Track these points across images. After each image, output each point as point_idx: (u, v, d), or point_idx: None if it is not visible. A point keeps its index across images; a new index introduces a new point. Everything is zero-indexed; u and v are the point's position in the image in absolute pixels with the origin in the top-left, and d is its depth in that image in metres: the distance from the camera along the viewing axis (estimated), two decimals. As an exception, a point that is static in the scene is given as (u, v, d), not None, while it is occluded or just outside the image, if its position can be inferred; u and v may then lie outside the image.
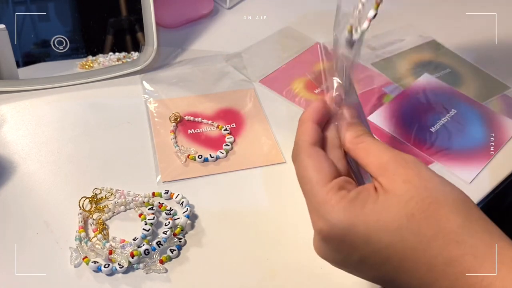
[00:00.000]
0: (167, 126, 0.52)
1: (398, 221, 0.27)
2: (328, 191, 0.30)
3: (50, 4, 0.57)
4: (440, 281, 0.26)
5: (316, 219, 0.30)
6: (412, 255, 0.27)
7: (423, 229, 0.27)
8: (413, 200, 0.28)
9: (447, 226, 0.27)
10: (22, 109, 0.54)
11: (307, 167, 0.31)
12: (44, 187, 0.45)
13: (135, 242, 0.40)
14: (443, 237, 0.26)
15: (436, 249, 0.26)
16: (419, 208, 0.27)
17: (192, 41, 0.65)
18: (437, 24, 0.69)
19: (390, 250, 0.28)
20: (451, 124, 0.53)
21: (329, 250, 0.30)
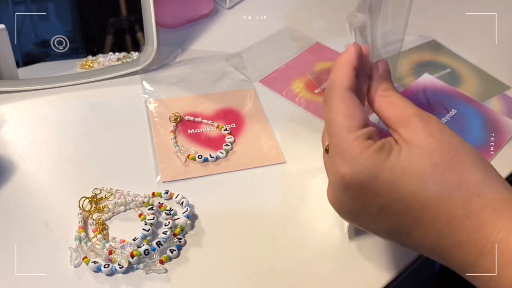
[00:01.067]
0: (167, 126, 0.52)
1: (423, 170, 0.27)
2: (356, 138, 0.29)
3: (50, 4, 0.57)
4: (457, 233, 0.27)
5: (340, 163, 0.29)
6: (434, 204, 0.27)
7: (447, 179, 0.27)
8: (436, 151, 0.28)
9: (470, 178, 0.27)
10: (22, 109, 0.54)
11: (339, 111, 0.31)
12: (44, 187, 0.45)
13: (135, 242, 0.40)
14: (466, 189, 0.27)
15: (458, 200, 0.27)
16: (443, 159, 0.28)
17: (192, 41, 0.65)
18: (437, 24, 0.69)
19: (413, 198, 0.28)
20: (451, 124, 0.53)
21: (347, 198, 0.30)
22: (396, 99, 0.32)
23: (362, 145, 0.29)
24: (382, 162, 0.28)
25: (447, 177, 0.27)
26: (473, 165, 0.28)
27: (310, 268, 0.40)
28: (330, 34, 0.67)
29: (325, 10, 0.72)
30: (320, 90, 0.58)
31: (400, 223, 0.29)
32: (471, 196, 0.27)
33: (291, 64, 0.61)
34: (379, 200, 0.29)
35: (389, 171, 0.28)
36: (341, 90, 0.32)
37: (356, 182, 0.29)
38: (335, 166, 0.30)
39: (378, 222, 0.30)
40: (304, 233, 0.43)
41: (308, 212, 0.43)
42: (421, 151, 0.28)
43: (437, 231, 0.27)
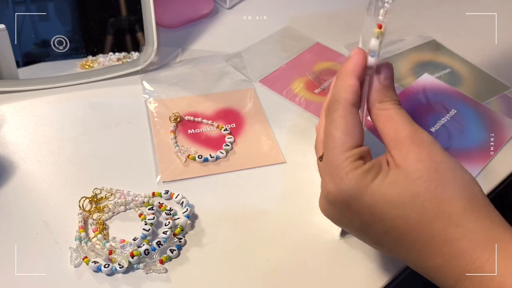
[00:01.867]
0: (167, 126, 0.52)
1: (404, 197, 0.28)
2: (347, 157, 0.30)
3: (50, 4, 0.57)
4: (435, 258, 0.28)
5: (327, 180, 0.31)
6: (413, 231, 0.28)
7: (426, 209, 0.28)
8: (421, 179, 0.28)
9: (450, 209, 0.28)
10: (22, 109, 0.54)
11: (339, 127, 0.31)
12: (44, 187, 0.45)
13: (135, 242, 0.40)
14: (444, 219, 0.28)
15: (436, 228, 0.28)
16: (426, 188, 0.28)
17: (192, 41, 0.65)
18: (437, 24, 0.69)
19: (392, 223, 0.29)
20: (451, 124, 0.53)
21: (334, 211, 0.32)
22: (392, 114, 0.32)
23: (351, 166, 0.30)
24: (365, 185, 0.29)
25: (426, 206, 0.28)
26: (456, 195, 0.28)
27: (310, 268, 0.40)
28: (330, 34, 0.67)
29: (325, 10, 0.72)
30: (320, 90, 0.58)
31: (382, 241, 0.30)
32: (449, 226, 0.28)
33: (291, 64, 0.61)
34: (361, 218, 0.30)
35: (370, 194, 0.29)
36: (345, 106, 0.32)
37: (340, 200, 0.30)
38: (324, 181, 0.31)
39: (362, 236, 0.32)
40: (304, 233, 0.43)
41: (308, 212, 0.43)
42: (406, 177, 0.29)
43: (417, 252, 0.29)
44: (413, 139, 0.30)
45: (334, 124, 0.32)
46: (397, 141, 0.30)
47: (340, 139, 0.31)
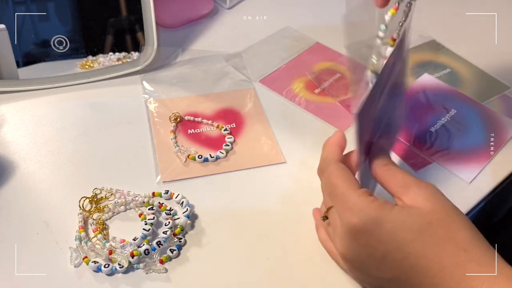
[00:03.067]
0: (167, 126, 0.52)
1: (420, 224, 0.33)
2: (360, 195, 0.34)
3: (50, 4, 0.57)
4: (447, 282, 0.31)
5: (349, 216, 0.34)
6: (428, 254, 0.32)
7: (440, 234, 0.32)
8: (431, 212, 0.33)
9: (459, 236, 0.32)
10: (22, 109, 0.54)
11: (338, 177, 0.36)
12: (44, 187, 0.45)
13: (135, 242, 0.40)
14: (454, 244, 0.32)
15: (447, 252, 0.32)
16: (437, 219, 0.33)
17: (192, 41, 0.65)
18: (437, 24, 0.69)
19: (410, 247, 0.32)
20: (451, 124, 0.53)
21: (356, 245, 0.34)
22: (396, 171, 0.36)
23: (368, 199, 0.34)
24: (386, 213, 0.33)
25: (439, 232, 0.32)
26: (461, 226, 0.33)
27: (309, 268, 0.40)
28: (330, 34, 0.67)
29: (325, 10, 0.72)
30: (320, 90, 0.58)
31: (400, 270, 0.33)
32: (458, 250, 0.31)
33: (291, 64, 0.61)
34: (383, 247, 0.33)
35: (392, 221, 0.33)
36: (335, 161, 0.37)
37: (363, 229, 0.33)
38: (345, 219, 0.34)
39: (382, 269, 0.34)
40: (304, 233, 0.43)
41: (308, 212, 0.43)
42: (419, 211, 0.33)
43: (431, 278, 0.32)
44: (418, 185, 0.35)
45: (333, 176, 0.36)
46: (404, 188, 0.35)
47: (345, 184, 0.35)
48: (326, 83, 0.59)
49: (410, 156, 0.50)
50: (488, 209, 0.50)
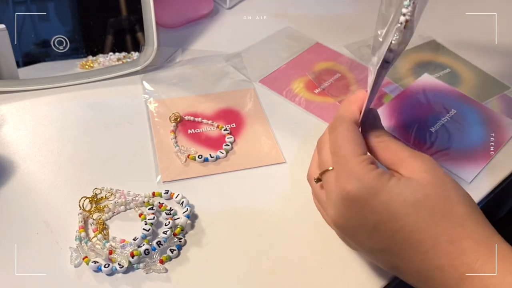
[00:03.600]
0: (167, 126, 0.52)
1: (416, 197, 0.31)
2: (362, 161, 0.33)
3: (50, 4, 0.57)
4: (440, 258, 0.30)
5: (346, 180, 0.33)
6: (422, 228, 0.31)
7: (436, 208, 0.31)
8: (430, 184, 0.32)
9: (456, 211, 0.31)
10: (22, 109, 0.54)
11: (346, 138, 0.35)
12: (44, 187, 0.45)
13: (135, 242, 0.40)
14: (451, 219, 0.31)
15: (443, 227, 0.31)
16: (435, 192, 0.31)
17: (192, 41, 0.65)
18: (437, 24, 0.69)
19: (405, 219, 0.31)
20: (451, 124, 0.53)
21: (349, 212, 0.33)
22: (390, 143, 0.35)
23: (367, 168, 0.33)
24: (383, 184, 0.32)
25: (436, 206, 0.31)
26: (460, 201, 0.32)
27: (309, 268, 0.40)
28: (330, 34, 0.67)
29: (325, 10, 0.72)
30: (320, 90, 0.58)
31: (392, 241, 0.32)
32: (455, 226, 0.31)
33: (291, 64, 0.61)
34: (376, 217, 0.32)
35: (387, 192, 0.32)
36: (348, 121, 0.36)
37: (358, 197, 0.32)
38: (341, 183, 0.33)
39: (373, 239, 0.33)
40: (304, 233, 0.43)
41: (308, 212, 0.43)
42: (417, 183, 0.32)
43: (422, 253, 0.31)
44: (414, 156, 0.34)
45: (341, 136, 0.35)
46: (400, 161, 0.34)
47: (350, 147, 0.34)
48: (326, 83, 0.59)
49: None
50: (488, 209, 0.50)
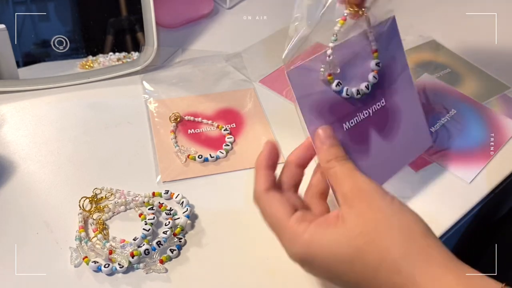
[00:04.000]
0: (167, 126, 0.52)
1: (349, 254, 0.31)
2: (291, 226, 0.33)
3: (50, 4, 0.57)
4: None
5: (288, 249, 0.34)
6: (364, 281, 0.31)
7: (369, 260, 0.31)
8: (361, 234, 0.31)
9: (389, 257, 0.30)
10: (22, 109, 0.54)
11: (266, 212, 0.35)
12: (44, 187, 0.45)
13: (135, 242, 0.40)
14: (386, 268, 0.30)
15: (381, 277, 0.30)
16: (366, 242, 0.31)
17: (192, 41, 0.65)
18: (437, 24, 0.69)
19: (346, 276, 0.32)
20: (451, 124, 0.53)
21: (304, 267, 0.34)
22: (337, 170, 0.35)
23: (297, 233, 0.33)
24: (315, 248, 0.32)
25: (369, 258, 0.31)
26: (394, 243, 0.31)
27: (310, 268, 0.40)
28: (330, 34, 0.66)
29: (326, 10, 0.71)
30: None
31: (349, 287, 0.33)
32: (392, 273, 0.30)
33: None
34: (324, 274, 0.33)
35: (321, 256, 0.32)
36: (260, 194, 0.36)
37: (302, 261, 0.33)
38: (287, 252, 0.34)
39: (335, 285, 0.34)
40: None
41: (308, 212, 0.43)
42: (348, 235, 0.32)
43: None
44: (353, 191, 0.33)
45: (262, 211, 0.36)
46: (343, 195, 0.34)
47: (273, 218, 0.35)
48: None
49: (410, 156, 0.50)
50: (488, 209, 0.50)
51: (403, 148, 0.42)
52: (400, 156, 0.42)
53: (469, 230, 0.52)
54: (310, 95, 0.38)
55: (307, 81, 0.38)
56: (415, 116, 0.43)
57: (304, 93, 0.37)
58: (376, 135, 0.40)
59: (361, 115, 0.39)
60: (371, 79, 0.40)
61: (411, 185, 0.47)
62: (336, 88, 0.38)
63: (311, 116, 0.37)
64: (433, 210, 0.45)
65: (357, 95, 0.39)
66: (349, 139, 0.39)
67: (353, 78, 0.39)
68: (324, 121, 0.38)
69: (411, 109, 0.42)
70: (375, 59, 0.40)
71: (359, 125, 0.39)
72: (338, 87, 0.38)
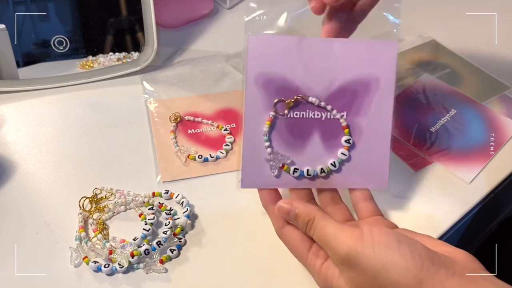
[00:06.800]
0: (167, 126, 0.52)
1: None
2: (309, 261, 0.35)
3: (50, 4, 0.57)
4: None
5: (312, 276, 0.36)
6: None
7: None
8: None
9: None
10: (22, 109, 0.54)
11: (289, 246, 0.37)
12: (44, 187, 0.45)
13: (135, 242, 0.40)
14: None
15: None
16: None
17: (192, 41, 0.65)
18: (437, 24, 0.69)
19: None
20: (451, 124, 0.53)
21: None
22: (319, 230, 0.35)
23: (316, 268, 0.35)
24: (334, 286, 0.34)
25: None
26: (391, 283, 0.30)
27: (310, 268, 0.40)
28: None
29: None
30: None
31: None
32: None
33: (291, 64, 0.61)
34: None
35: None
36: (279, 233, 0.38)
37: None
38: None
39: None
40: (304, 233, 0.43)
41: (308, 212, 0.43)
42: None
43: None
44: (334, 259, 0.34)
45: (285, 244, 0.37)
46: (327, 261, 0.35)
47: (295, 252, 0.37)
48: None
49: (410, 156, 0.50)
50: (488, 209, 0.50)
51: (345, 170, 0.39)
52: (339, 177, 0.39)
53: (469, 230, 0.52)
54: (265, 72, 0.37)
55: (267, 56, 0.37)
56: (377, 151, 0.39)
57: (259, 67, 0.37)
58: (319, 141, 0.38)
59: (310, 113, 0.38)
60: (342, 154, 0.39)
61: (411, 185, 0.47)
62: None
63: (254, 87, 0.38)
64: (433, 210, 0.45)
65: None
66: (285, 125, 0.38)
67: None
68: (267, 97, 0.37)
69: (375, 142, 0.39)
70: (346, 135, 0.38)
71: (304, 121, 0.38)
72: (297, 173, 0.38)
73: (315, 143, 0.38)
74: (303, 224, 0.36)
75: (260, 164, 0.38)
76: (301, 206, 0.36)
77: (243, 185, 0.38)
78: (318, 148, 0.38)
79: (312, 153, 0.38)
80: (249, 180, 0.38)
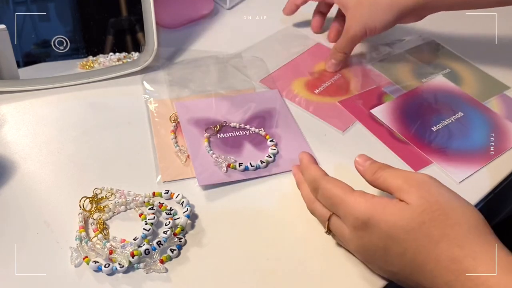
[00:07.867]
0: (167, 126, 0.52)
1: (412, 225, 0.34)
2: (356, 197, 0.37)
3: (50, 4, 0.57)
4: (446, 275, 0.33)
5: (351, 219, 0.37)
6: (424, 251, 0.34)
7: (432, 233, 0.34)
8: (425, 211, 0.34)
9: (452, 233, 0.34)
10: (22, 109, 0.54)
11: (333, 187, 0.39)
12: (44, 187, 0.46)
13: (135, 242, 0.40)
14: (448, 241, 0.33)
15: (442, 249, 0.33)
16: (430, 218, 0.34)
17: (192, 41, 0.65)
18: (437, 24, 0.69)
19: (406, 244, 0.35)
20: (454, 126, 0.53)
21: (362, 242, 0.37)
22: (386, 176, 0.38)
23: (363, 200, 0.37)
24: (379, 213, 0.36)
25: (432, 231, 0.34)
26: (455, 222, 0.34)
27: (309, 268, 0.40)
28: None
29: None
30: (320, 91, 0.58)
31: (403, 263, 0.35)
32: (452, 247, 0.33)
33: (291, 64, 0.61)
34: (382, 242, 0.36)
35: (384, 221, 0.35)
36: (322, 177, 0.40)
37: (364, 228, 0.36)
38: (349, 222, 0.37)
39: (388, 261, 0.36)
40: (304, 233, 0.43)
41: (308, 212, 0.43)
42: (413, 210, 0.35)
43: (429, 272, 0.34)
44: (409, 182, 0.36)
45: (328, 189, 0.39)
46: (398, 190, 0.37)
47: (340, 192, 0.38)
48: (326, 83, 0.59)
49: (410, 156, 0.50)
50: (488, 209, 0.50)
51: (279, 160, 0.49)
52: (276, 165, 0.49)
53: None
54: (191, 117, 0.52)
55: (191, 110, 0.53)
56: (296, 142, 0.51)
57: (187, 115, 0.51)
58: (251, 147, 0.49)
59: (236, 132, 0.51)
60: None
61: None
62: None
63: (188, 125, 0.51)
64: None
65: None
66: (220, 141, 0.50)
67: None
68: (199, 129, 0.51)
69: (293, 138, 0.51)
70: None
71: (233, 138, 0.50)
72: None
73: (249, 149, 0.50)
74: (377, 166, 0.39)
75: (210, 166, 0.47)
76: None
77: (199, 183, 0.46)
78: (252, 151, 0.49)
79: (248, 155, 0.49)
80: (204, 179, 0.46)
